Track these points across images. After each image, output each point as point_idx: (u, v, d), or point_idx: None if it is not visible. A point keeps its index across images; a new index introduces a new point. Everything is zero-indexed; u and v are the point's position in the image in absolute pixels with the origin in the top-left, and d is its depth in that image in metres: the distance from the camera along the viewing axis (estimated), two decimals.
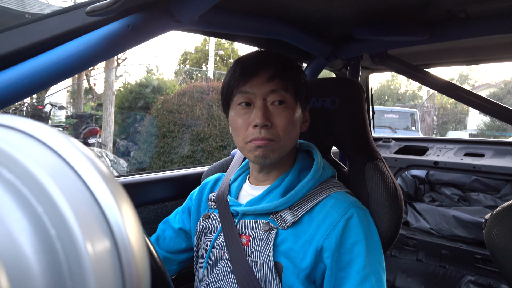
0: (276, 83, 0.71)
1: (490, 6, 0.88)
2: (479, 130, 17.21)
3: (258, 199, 0.76)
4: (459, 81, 25.56)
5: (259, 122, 0.69)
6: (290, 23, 1.00)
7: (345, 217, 0.67)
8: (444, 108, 20.13)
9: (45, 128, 0.18)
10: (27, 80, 0.56)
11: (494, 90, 19.60)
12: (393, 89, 26.09)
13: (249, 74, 0.72)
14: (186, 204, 0.94)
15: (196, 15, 0.66)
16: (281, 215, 0.71)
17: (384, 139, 2.10)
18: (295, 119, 0.73)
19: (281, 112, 0.71)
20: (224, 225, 0.76)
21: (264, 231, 0.71)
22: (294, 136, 0.75)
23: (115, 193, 0.17)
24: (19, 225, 0.15)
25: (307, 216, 0.70)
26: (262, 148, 0.70)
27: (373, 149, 0.90)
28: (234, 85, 0.73)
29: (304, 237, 0.68)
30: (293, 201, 0.71)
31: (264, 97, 0.71)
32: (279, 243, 0.69)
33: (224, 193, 0.83)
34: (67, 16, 0.60)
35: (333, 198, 0.72)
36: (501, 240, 0.79)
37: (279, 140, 0.70)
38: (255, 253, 0.70)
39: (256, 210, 0.73)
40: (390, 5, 0.91)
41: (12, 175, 0.15)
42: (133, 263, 0.17)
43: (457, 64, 1.59)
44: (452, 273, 1.76)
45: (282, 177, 0.77)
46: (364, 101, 0.93)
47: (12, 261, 0.14)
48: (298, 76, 0.76)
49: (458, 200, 2.10)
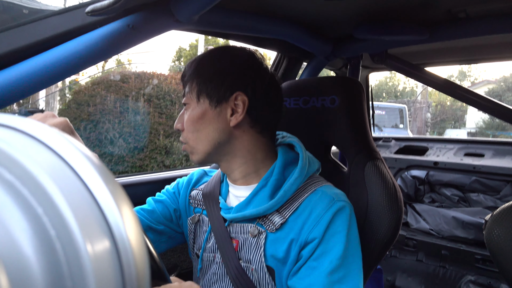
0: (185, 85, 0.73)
1: (490, 6, 0.88)
2: (478, 128, 17.16)
3: (245, 203, 0.72)
4: (458, 78, 25.57)
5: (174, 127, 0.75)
6: (290, 23, 1.00)
7: (329, 211, 0.66)
8: (441, 105, 20.07)
9: (45, 129, 0.18)
10: (27, 79, 0.56)
11: (493, 87, 19.57)
12: (391, 86, 26.08)
13: (183, 85, 0.76)
14: (172, 187, 0.88)
15: (196, 15, 0.66)
16: (268, 218, 0.69)
17: (384, 139, 2.10)
18: (196, 118, 0.70)
19: (184, 114, 0.73)
20: (215, 229, 0.74)
21: (253, 236, 0.69)
22: (205, 135, 0.70)
23: (114, 194, 0.17)
24: (19, 225, 0.15)
25: (294, 214, 0.68)
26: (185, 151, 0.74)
27: (373, 149, 0.90)
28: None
29: (290, 235, 0.66)
30: (282, 202, 0.69)
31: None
32: (268, 247, 0.68)
33: (214, 193, 0.79)
34: (67, 16, 0.60)
35: (318, 192, 0.70)
36: (501, 240, 0.79)
37: (187, 142, 0.72)
38: (245, 258, 0.69)
39: (244, 216, 0.70)
40: (390, 5, 0.91)
41: (12, 175, 0.15)
42: (133, 263, 0.17)
43: (457, 63, 1.59)
44: (452, 273, 1.76)
45: (267, 177, 0.72)
46: (364, 100, 0.93)
47: (12, 261, 0.14)
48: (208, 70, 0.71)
49: (458, 201, 2.10)
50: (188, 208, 0.84)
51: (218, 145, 0.71)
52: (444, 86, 1.31)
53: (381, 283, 1.06)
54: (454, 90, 1.30)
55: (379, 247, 0.80)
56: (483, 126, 16.78)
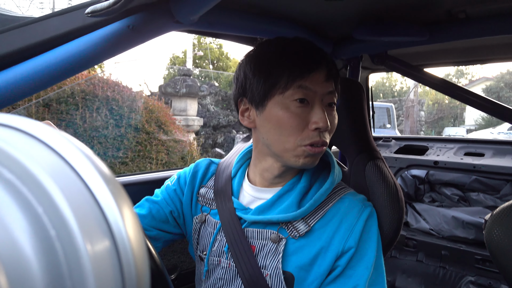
0: (331, 83, 0.66)
1: (490, 7, 0.88)
2: (477, 125, 17.11)
3: (268, 205, 0.69)
4: (456, 76, 25.58)
5: (322, 126, 0.62)
6: (290, 24, 1.00)
7: (361, 219, 0.66)
8: (439, 104, 20.03)
9: (45, 128, 0.18)
10: (27, 80, 0.56)
11: (491, 83, 19.61)
12: (388, 86, 26.10)
13: (311, 69, 0.63)
14: (173, 185, 0.82)
15: (196, 16, 0.66)
16: (293, 225, 0.67)
17: (384, 138, 2.10)
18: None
19: (334, 116, 0.68)
20: (229, 232, 0.69)
21: (273, 242, 0.66)
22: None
23: (115, 193, 0.17)
24: (19, 225, 0.15)
25: (319, 222, 0.67)
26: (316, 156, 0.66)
27: (374, 149, 0.90)
28: (290, 77, 0.63)
29: (318, 243, 0.65)
30: (310, 211, 0.67)
31: (323, 97, 0.65)
32: (290, 253, 0.66)
33: (227, 192, 0.74)
34: (67, 17, 0.60)
35: (345, 200, 0.69)
36: (501, 240, 0.79)
37: (326, 144, 0.66)
38: (261, 263, 0.67)
39: (269, 220, 0.66)
40: (390, 6, 0.91)
41: (12, 175, 0.15)
42: (133, 263, 0.17)
43: (457, 64, 1.59)
44: (452, 274, 1.76)
45: (294, 181, 0.70)
46: (364, 101, 0.93)
47: (11, 261, 0.14)
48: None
49: (458, 200, 2.10)
50: (195, 206, 0.80)
51: None
52: (444, 87, 1.31)
53: None
54: (453, 90, 1.30)
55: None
56: (483, 123, 16.73)
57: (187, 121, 6.83)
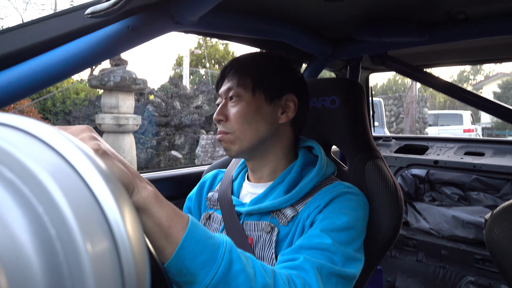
0: (230, 80, 0.76)
1: (490, 7, 0.88)
2: (493, 123, 16.63)
3: (261, 197, 0.75)
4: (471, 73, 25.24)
5: (214, 118, 0.76)
6: (290, 24, 1.00)
7: (336, 190, 0.70)
8: (451, 101, 19.70)
9: (46, 127, 0.18)
10: (27, 80, 0.56)
11: (508, 79, 19.29)
12: (401, 84, 26.01)
13: (220, 80, 0.80)
14: (185, 205, 0.93)
15: (196, 17, 0.66)
16: (282, 212, 0.72)
17: (384, 138, 2.10)
18: (250, 110, 0.74)
19: (233, 106, 0.75)
20: (229, 227, 0.75)
21: (266, 232, 0.71)
22: (255, 128, 0.74)
23: (115, 193, 0.17)
24: (19, 224, 0.15)
25: (305, 206, 0.72)
26: (222, 142, 0.75)
27: (373, 148, 0.90)
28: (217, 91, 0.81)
29: (300, 224, 0.69)
30: (297, 198, 0.72)
31: (225, 95, 0.77)
32: (281, 240, 0.70)
33: (227, 192, 0.82)
34: (67, 18, 0.60)
35: (331, 185, 0.74)
36: (501, 240, 0.79)
37: (233, 132, 0.74)
38: (258, 255, 0.71)
39: (260, 209, 0.72)
40: (390, 6, 0.91)
41: (13, 174, 0.15)
42: (133, 263, 0.17)
43: (457, 64, 1.60)
44: (452, 274, 1.76)
45: (285, 174, 0.76)
46: (364, 101, 0.94)
47: (12, 261, 0.14)
48: (262, 69, 0.77)
49: (458, 199, 2.10)
50: (204, 209, 0.88)
51: (264, 139, 0.75)
52: (445, 88, 1.31)
53: (381, 284, 1.06)
54: (455, 91, 1.30)
55: (380, 246, 0.80)
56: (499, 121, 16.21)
57: (118, 120, 5.46)
